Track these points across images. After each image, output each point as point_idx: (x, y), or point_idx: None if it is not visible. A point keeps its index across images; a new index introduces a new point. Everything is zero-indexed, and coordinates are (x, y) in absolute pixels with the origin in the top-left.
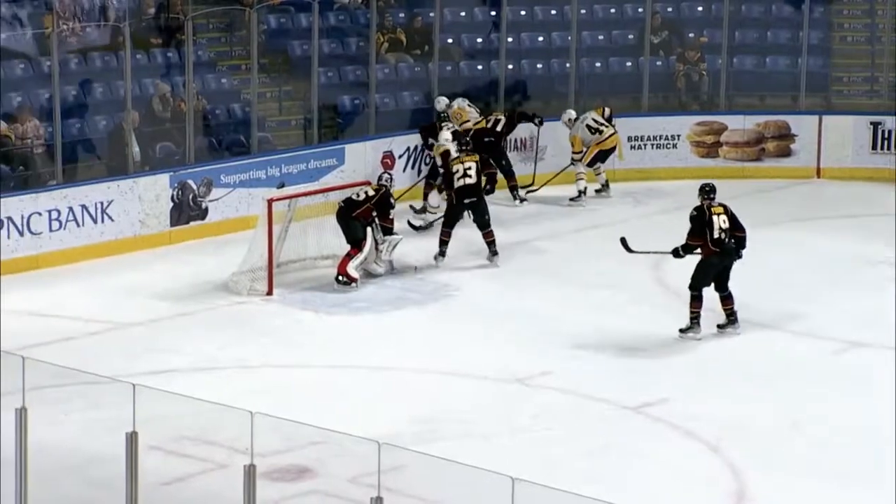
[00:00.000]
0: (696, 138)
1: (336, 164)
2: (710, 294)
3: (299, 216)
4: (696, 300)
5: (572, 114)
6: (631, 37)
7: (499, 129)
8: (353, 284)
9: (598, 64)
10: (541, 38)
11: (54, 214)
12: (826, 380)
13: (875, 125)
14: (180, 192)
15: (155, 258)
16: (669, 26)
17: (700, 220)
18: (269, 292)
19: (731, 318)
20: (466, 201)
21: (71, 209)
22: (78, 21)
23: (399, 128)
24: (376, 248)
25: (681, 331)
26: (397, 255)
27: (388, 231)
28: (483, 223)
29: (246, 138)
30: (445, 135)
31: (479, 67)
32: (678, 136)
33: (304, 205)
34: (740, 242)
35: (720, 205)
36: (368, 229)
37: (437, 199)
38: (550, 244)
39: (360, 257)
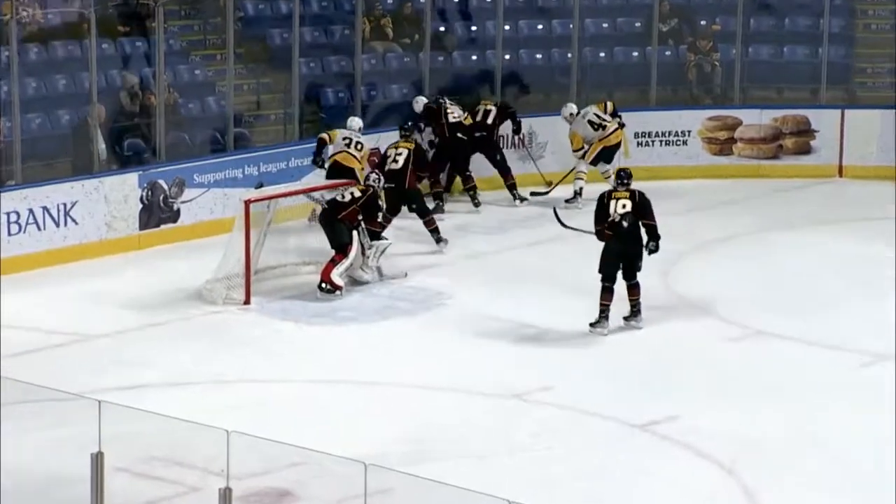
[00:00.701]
0: (709, 134)
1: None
2: (718, 294)
3: (279, 219)
4: (604, 291)
5: (573, 108)
6: (638, 25)
7: (489, 121)
8: (338, 292)
9: (602, 54)
10: (540, 26)
11: (13, 217)
12: (847, 393)
13: None
14: (150, 193)
15: (123, 264)
16: (679, 13)
17: (599, 204)
18: (247, 301)
19: (634, 309)
20: (385, 186)
21: (31, 211)
22: (39, 7)
23: (387, 123)
24: (363, 254)
25: (590, 325)
26: (386, 260)
27: (375, 235)
28: (420, 211)
29: (221, 134)
30: (354, 122)
31: (474, 58)
32: (689, 131)
33: (285, 206)
34: (650, 232)
35: (627, 190)
36: (354, 233)
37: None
38: (550, 248)
39: (346, 263)
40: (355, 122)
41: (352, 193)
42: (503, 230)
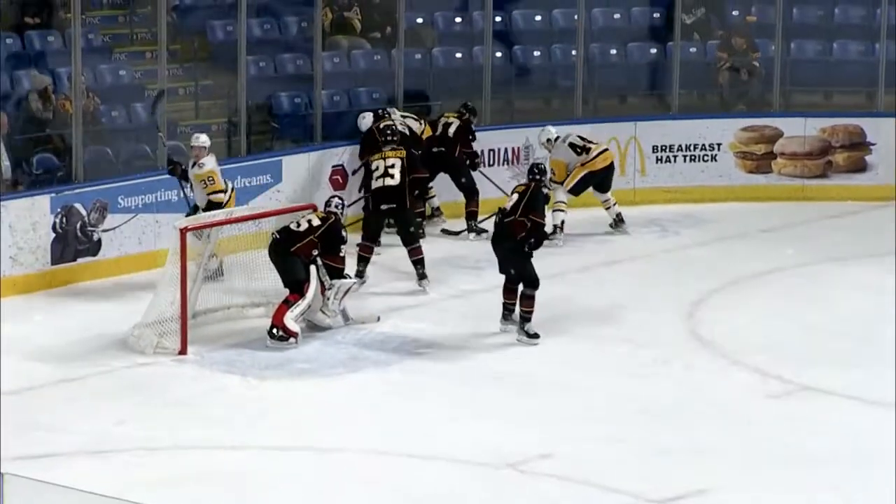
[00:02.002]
0: (743, 148)
1: (270, 182)
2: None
3: (222, 250)
4: (503, 290)
5: (552, 132)
6: (656, 16)
7: (450, 133)
8: (293, 340)
9: (613, 51)
10: (538, 18)
11: None
12: None
13: None
14: (65, 220)
15: (31, 306)
16: (707, 2)
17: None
18: (182, 351)
19: (520, 319)
20: (384, 207)
21: None
22: None
23: (353, 135)
24: (322, 293)
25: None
26: (353, 301)
27: (336, 273)
28: (408, 238)
29: (152, 149)
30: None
31: (458, 55)
32: (719, 145)
33: (229, 236)
34: (531, 228)
35: (523, 184)
36: (312, 267)
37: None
38: (552, 287)
39: (302, 304)
40: (202, 138)
41: (309, 221)
42: (493, 264)
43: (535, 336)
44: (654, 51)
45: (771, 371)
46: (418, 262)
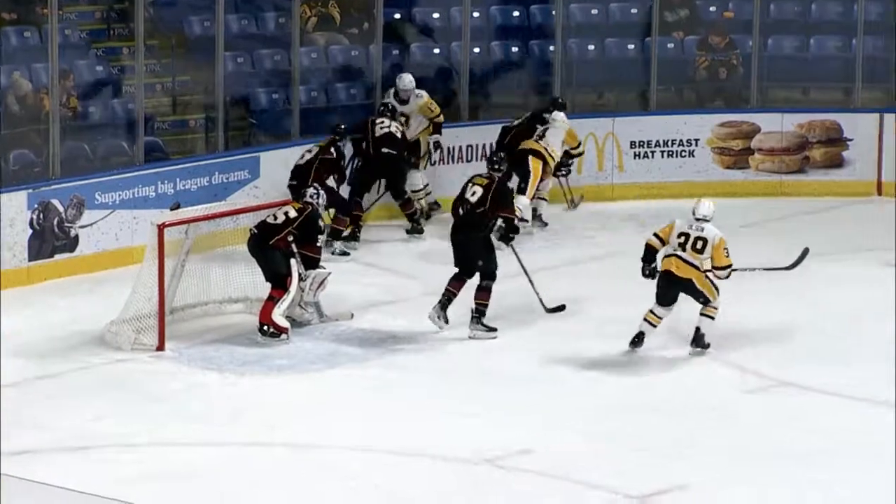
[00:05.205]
0: (720, 144)
1: (248, 178)
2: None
3: (199, 247)
4: (453, 280)
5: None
6: (634, 11)
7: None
8: (284, 336)
9: (590, 47)
10: (516, 13)
11: None
12: None
13: None
14: (42, 216)
15: (9, 302)
16: (689, 3)
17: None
18: (160, 347)
19: (472, 314)
20: (385, 151)
21: None
22: None
23: (331, 130)
24: (299, 285)
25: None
26: (327, 296)
27: (312, 263)
28: (398, 191)
29: (129, 144)
30: None
31: (437, 51)
32: (696, 140)
33: (207, 232)
34: (505, 224)
35: (488, 176)
36: (293, 261)
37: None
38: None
39: (287, 299)
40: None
41: (286, 213)
42: None
43: (493, 329)
44: (631, 46)
45: (752, 367)
46: (410, 216)
